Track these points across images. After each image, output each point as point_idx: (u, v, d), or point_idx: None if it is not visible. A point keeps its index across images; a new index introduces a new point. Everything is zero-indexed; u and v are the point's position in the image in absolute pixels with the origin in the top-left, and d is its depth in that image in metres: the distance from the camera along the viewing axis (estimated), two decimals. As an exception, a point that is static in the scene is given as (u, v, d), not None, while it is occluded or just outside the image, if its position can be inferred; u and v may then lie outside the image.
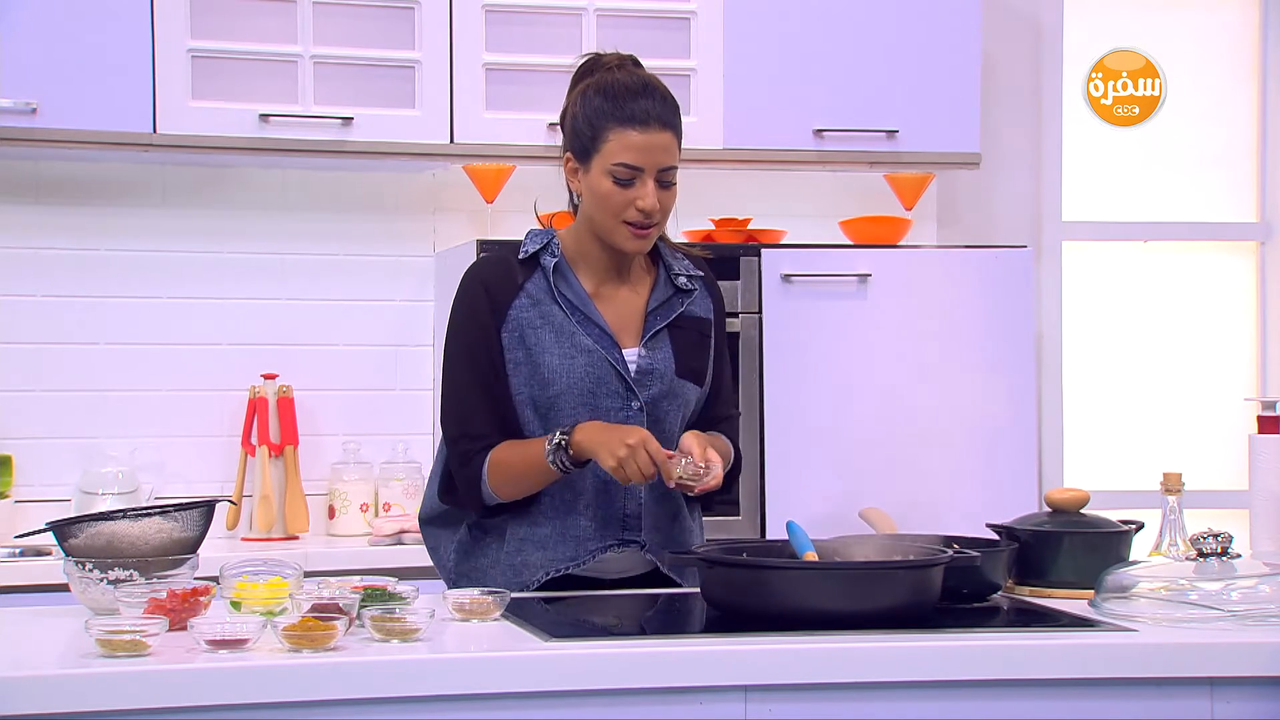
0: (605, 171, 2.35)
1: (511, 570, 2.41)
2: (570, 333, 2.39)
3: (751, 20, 3.58)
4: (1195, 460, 3.62)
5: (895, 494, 2.93)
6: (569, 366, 2.38)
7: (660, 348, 2.44)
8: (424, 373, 3.77)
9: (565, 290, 2.42)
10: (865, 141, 3.65)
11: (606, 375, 2.39)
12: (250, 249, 3.69)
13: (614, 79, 2.38)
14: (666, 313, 2.46)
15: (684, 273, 2.49)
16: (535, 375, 2.39)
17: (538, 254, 2.44)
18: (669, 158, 2.35)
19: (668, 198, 2.37)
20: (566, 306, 2.41)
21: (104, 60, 3.28)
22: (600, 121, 2.35)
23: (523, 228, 3.67)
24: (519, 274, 2.43)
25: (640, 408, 2.40)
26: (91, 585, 2.14)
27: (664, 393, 2.42)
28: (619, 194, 2.35)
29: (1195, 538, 2.24)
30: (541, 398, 2.39)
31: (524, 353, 2.39)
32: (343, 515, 3.62)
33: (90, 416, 3.58)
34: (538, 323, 2.40)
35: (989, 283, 3.56)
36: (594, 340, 2.40)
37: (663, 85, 2.41)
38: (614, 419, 2.38)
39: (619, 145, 2.33)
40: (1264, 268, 4.14)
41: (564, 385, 2.37)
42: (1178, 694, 2.01)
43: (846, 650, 1.97)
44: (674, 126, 2.37)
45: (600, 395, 2.38)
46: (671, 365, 2.43)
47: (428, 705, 1.87)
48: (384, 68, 3.44)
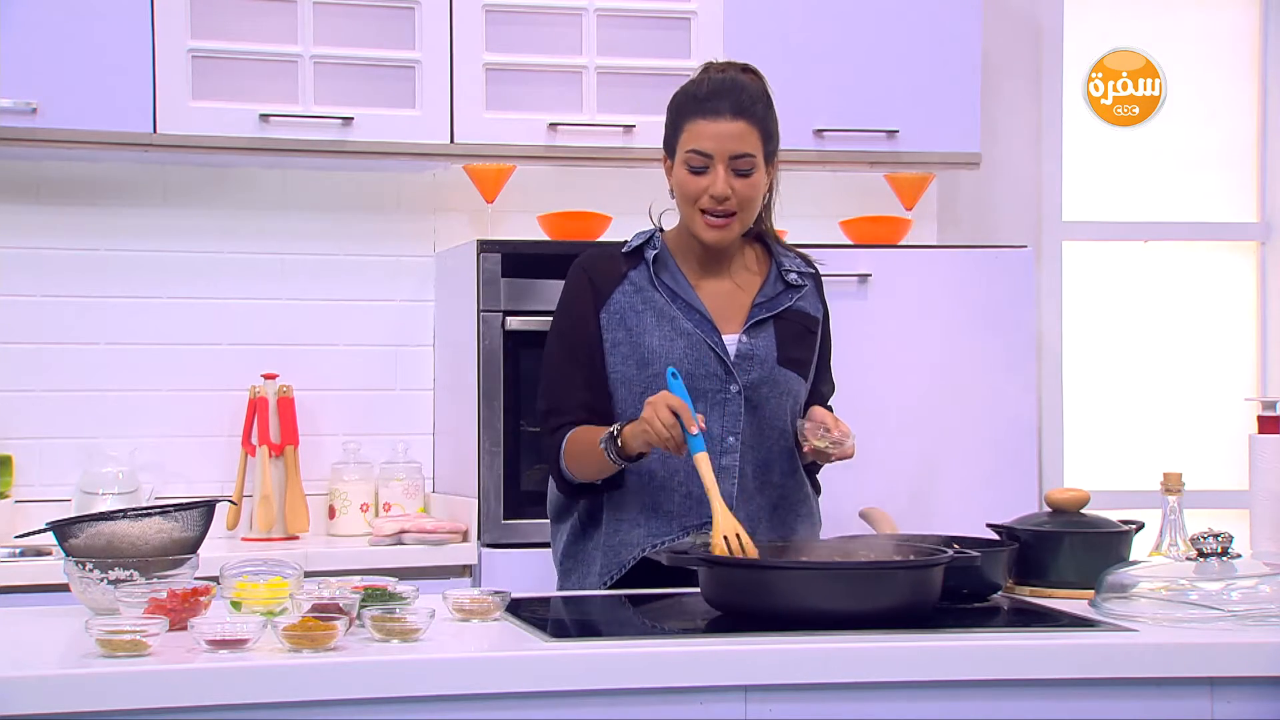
0: (682, 161, 2.46)
1: (611, 551, 2.47)
2: (671, 317, 2.48)
3: (752, 20, 3.58)
4: (1195, 460, 3.62)
5: (895, 494, 2.93)
6: (668, 348, 2.47)
7: (763, 336, 2.52)
8: (424, 372, 3.77)
9: (666, 279, 2.52)
10: (865, 141, 3.65)
11: (705, 357, 2.47)
12: (250, 249, 3.69)
13: (703, 78, 2.51)
14: (774, 305, 2.54)
15: (795, 269, 2.58)
16: (635, 354, 2.47)
17: (641, 248, 2.54)
18: (741, 145, 2.44)
19: (745, 187, 2.46)
20: (667, 294, 2.50)
21: (104, 60, 3.27)
22: (679, 115, 2.48)
23: (523, 228, 3.71)
24: (623, 265, 2.53)
25: (739, 391, 2.47)
26: (92, 585, 2.14)
27: (764, 378, 2.49)
28: (693, 181, 2.46)
29: (1195, 538, 2.24)
30: (640, 378, 2.47)
31: (625, 333, 2.48)
32: (343, 515, 3.62)
33: (90, 416, 3.58)
34: (640, 307, 2.49)
35: (989, 283, 3.56)
36: (694, 325, 2.48)
37: (752, 83, 2.50)
38: (712, 401, 2.46)
39: (691, 135, 2.45)
40: (1264, 267, 4.13)
41: (662, 365, 2.44)
42: (1178, 694, 2.01)
43: (847, 650, 1.97)
44: (751, 116, 2.45)
45: (699, 377, 2.45)
46: (774, 353, 2.51)
47: (428, 705, 1.87)
48: (384, 68, 3.44)
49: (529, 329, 3.37)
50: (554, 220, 3.58)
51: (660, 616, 2.29)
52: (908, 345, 3.49)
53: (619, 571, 2.46)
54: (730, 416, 2.48)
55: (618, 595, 2.41)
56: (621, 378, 2.49)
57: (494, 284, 3.38)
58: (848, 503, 2.75)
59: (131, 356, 3.62)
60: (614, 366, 2.49)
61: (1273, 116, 4.10)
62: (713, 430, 2.46)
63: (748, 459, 2.49)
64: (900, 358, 3.48)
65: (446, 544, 3.38)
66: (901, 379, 3.47)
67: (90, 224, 3.60)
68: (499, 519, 3.36)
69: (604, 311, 2.50)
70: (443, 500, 3.62)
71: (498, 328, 3.38)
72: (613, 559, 2.48)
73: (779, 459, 2.51)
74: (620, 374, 2.49)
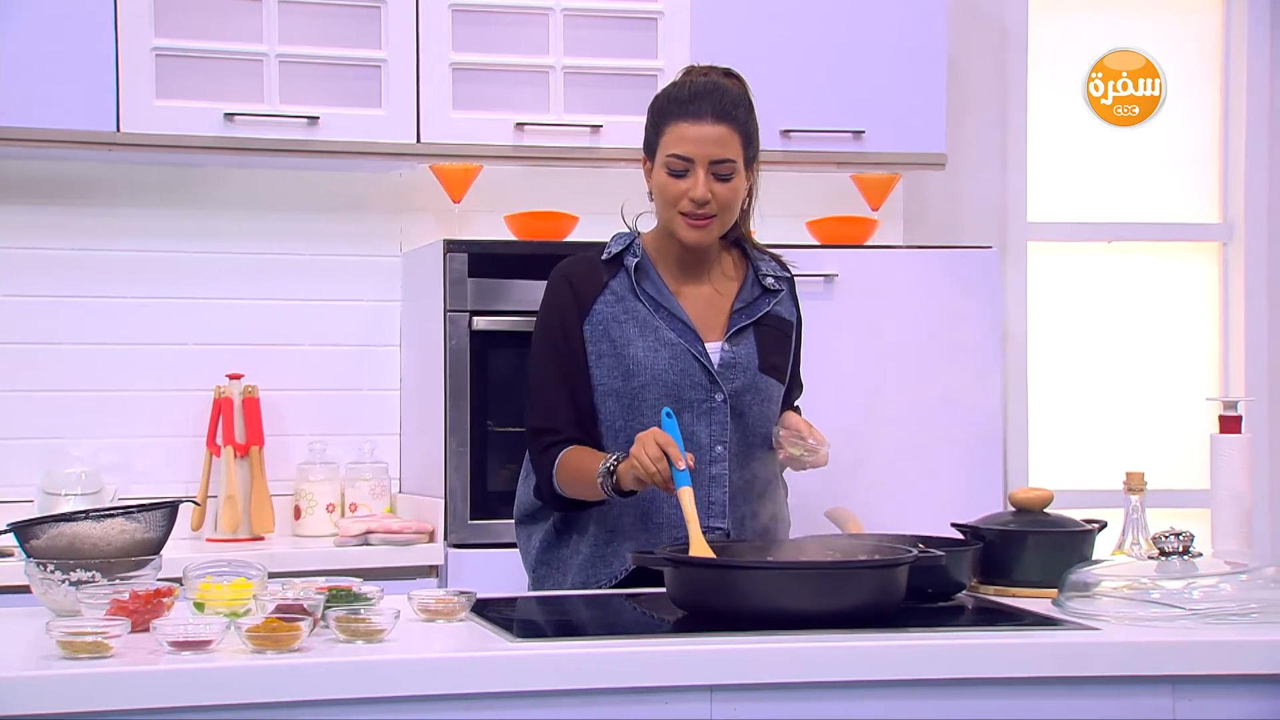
0: (663, 164, 2.46)
1: (602, 561, 2.47)
2: (654, 327, 2.48)
3: (718, 21, 3.58)
4: (1158, 460, 3.64)
5: (861, 493, 2.94)
6: (653, 359, 2.46)
7: (744, 343, 2.52)
8: (391, 373, 3.76)
9: (648, 287, 2.51)
10: (832, 142, 3.66)
11: (690, 367, 2.47)
12: (216, 248, 3.67)
13: (685, 81, 2.51)
14: (752, 311, 2.55)
15: (771, 274, 2.58)
16: (620, 367, 2.47)
17: (621, 254, 2.53)
18: (722, 150, 2.44)
19: (725, 191, 2.46)
20: (649, 303, 2.50)
21: (66, 58, 3.25)
22: (661, 118, 2.48)
23: (490, 228, 3.70)
24: (604, 273, 2.52)
25: (724, 399, 2.48)
26: (53, 587, 2.12)
27: (747, 386, 2.50)
28: (673, 184, 2.45)
29: (1157, 537, 2.26)
30: (625, 389, 2.47)
31: (609, 345, 2.48)
32: (309, 516, 3.60)
33: (54, 417, 3.55)
34: (622, 317, 2.48)
35: (955, 283, 3.58)
36: (677, 334, 2.48)
37: (735, 87, 2.51)
38: (698, 410, 2.46)
39: (673, 137, 2.45)
40: (1226, 268, 4.17)
41: (649, 377, 2.45)
42: (1140, 692, 2.03)
43: (811, 650, 1.98)
44: (733, 121, 2.46)
45: (684, 387, 2.46)
46: (755, 360, 2.51)
47: (392, 706, 1.87)
48: (350, 67, 3.43)
49: (496, 329, 3.37)
50: (521, 220, 3.58)
51: (626, 617, 2.29)
52: (874, 345, 3.50)
53: (610, 581, 2.47)
54: (717, 425, 2.49)
55: (584, 596, 2.42)
56: (608, 390, 2.48)
57: (461, 284, 3.38)
58: (814, 503, 2.75)
59: (95, 356, 3.60)
60: (600, 379, 2.48)
61: (1234, 118, 4.14)
62: (700, 440, 2.47)
63: (734, 466, 2.49)
64: (866, 357, 3.49)
65: (413, 544, 3.38)
66: (867, 379, 3.48)
67: (53, 224, 3.58)
68: (465, 519, 3.36)
69: (587, 323, 2.49)
70: (409, 501, 3.61)
71: (465, 328, 3.37)
72: (603, 569, 2.47)
73: (762, 464, 2.52)
74: (606, 386, 2.48)
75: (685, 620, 2.14)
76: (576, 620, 2.27)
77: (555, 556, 2.54)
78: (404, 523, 3.42)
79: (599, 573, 2.48)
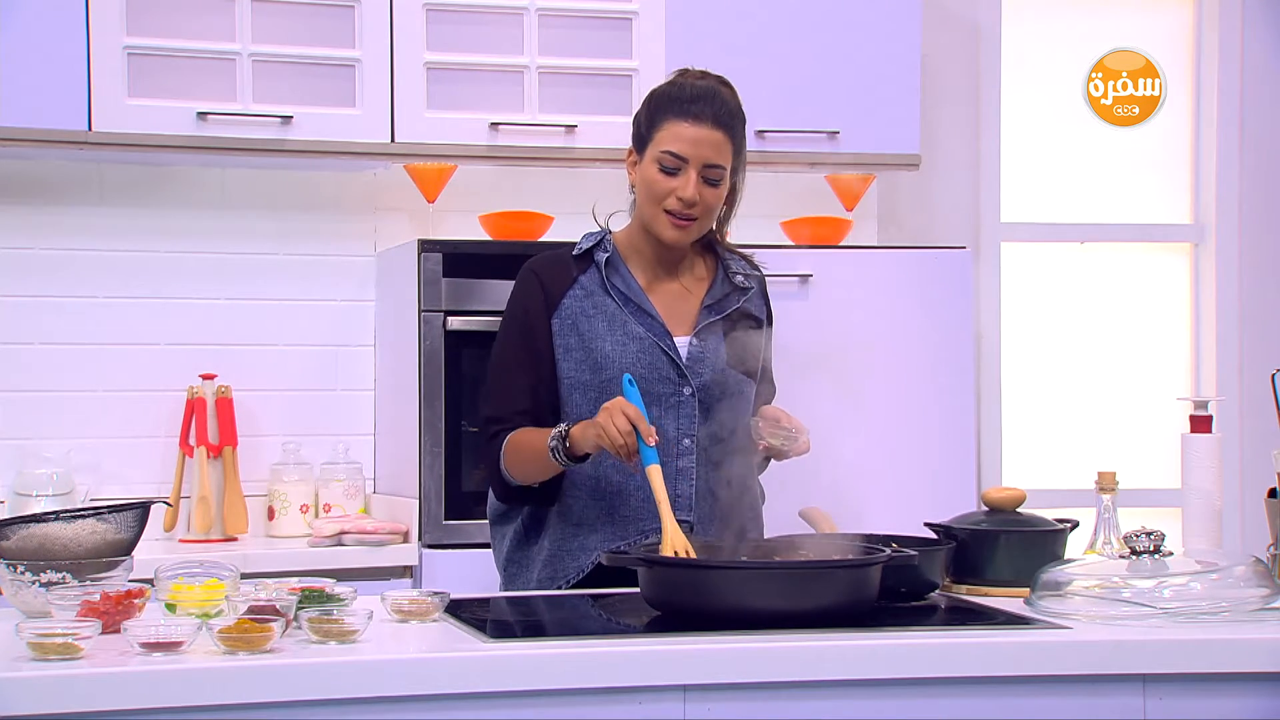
0: (654, 159, 2.46)
1: (569, 555, 2.46)
2: (623, 321, 2.49)
3: (693, 21, 3.58)
4: (1129, 459, 3.65)
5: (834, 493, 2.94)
6: (621, 353, 2.47)
7: (712, 338, 2.53)
8: (365, 373, 3.75)
9: (618, 283, 2.52)
10: (806, 142, 3.66)
11: (658, 361, 2.48)
12: (189, 248, 3.65)
13: (684, 82, 2.51)
14: (722, 307, 2.56)
15: (741, 272, 2.59)
16: (588, 359, 2.47)
17: (591, 250, 2.54)
18: (716, 156, 2.46)
19: (710, 194, 2.47)
20: (619, 297, 2.50)
21: (37, 57, 3.23)
22: (658, 113, 2.48)
23: (465, 227, 3.70)
24: (573, 268, 2.53)
25: (692, 393, 2.48)
26: (23, 588, 2.11)
27: (715, 380, 2.51)
28: (663, 181, 2.46)
29: (1129, 536, 2.27)
30: (594, 382, 2.47)
31: (577, 338, 2.48)
32: (282, 516, 3.59)
33: (25, 417, 3.53)
34: (591, 312, 2.49)
35: (929, 283, 3.59)
36: (645, 328, 2.49)
37: (731, 97, 2.51)
38: (666, 404, 2.46)
39: (669, 134, 2.46)
40: (1197, 269, 4.19)
41: (617, 370, 2.45)
42: (1111, 691, 2.04)
43: (785, 649, 1.98)
44: (729, 129, 2.47)
45: (652, 380, 2.46)
46: (723, 355, 2.52)
47: (365, 707, 1.86)
48: (324, 66, 3.42)
49: (470, 329, 3.36)
50: (495, 220, 3.57)
51: (600, 617, 2.29)
52: (848, 345, 3.50)
53: (577, 576, 2.46)
54: (685, 419, 2.49)
55: (558, 595, 2.41)
56: (575, 382, 2.49)
57: (435, 284, 3.37)
58: (787, 502, 2.76)
59: (67, 356, 3.58)
60: (567, 372, 2.49)
61: (1205, 119, 4.16)
62: (668, 433, 2.47)
63: (702, 460, 2.50)
64: (840, 358, 3.50)
65: (387, 545, 3.37)
66: (841, 378, 3.48)
67: (25, 223, 3.56)
68: (440, 520, 3.35)
69: (555, 317, 2.50)
70: (383, 501, 3.61)
71: (439, 328, 3.37)
72: (570, 563, 2.47)
73: (731, 459, 2.52)
74: (574, 379, 2.49)
75: (658, 620, 2.14)
76: (549, 620, 2.27)
77: (523, 555, 2.54)
78: (378, 523, 3.42)
79: (566, 566, 2.47)
